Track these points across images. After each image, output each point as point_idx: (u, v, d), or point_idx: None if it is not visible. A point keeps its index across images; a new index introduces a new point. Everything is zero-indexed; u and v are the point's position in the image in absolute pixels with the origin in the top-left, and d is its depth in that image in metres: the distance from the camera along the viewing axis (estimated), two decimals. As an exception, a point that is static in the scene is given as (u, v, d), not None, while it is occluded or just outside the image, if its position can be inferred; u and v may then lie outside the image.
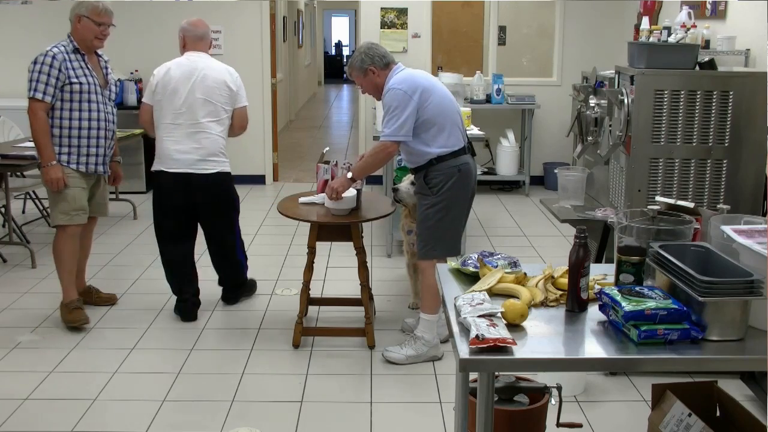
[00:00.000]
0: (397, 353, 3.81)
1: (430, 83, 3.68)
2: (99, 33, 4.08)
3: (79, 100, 4.03)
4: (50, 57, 3.94)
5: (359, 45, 3.86)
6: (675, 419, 2.60)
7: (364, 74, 3.72)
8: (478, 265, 2.40)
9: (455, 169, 3.65)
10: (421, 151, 3.64)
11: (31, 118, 3.97)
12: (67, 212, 4.12)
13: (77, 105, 4.04)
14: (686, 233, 2.27)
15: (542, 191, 7.71)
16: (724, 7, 5.10)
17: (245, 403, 3.44)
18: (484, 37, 8.51)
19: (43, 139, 4.00)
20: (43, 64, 3.93)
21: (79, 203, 4.14)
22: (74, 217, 4.14)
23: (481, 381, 2.02)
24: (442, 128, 3.64)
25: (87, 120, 4.07)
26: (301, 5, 15.64)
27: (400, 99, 3.57)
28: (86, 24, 4.04)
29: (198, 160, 4.11)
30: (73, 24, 4.07)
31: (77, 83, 4.01)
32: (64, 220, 4.13)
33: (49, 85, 3.94)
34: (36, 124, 3.97)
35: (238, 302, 4.61)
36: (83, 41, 4.07)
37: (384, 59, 3.71)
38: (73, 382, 3.63)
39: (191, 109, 4.08)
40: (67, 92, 4.00)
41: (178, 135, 4.09)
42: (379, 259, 5.45)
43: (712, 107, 3.63)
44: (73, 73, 4.01)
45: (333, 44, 24.84)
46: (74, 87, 4.00)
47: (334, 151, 8.47)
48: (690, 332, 1.92)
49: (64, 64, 3.97)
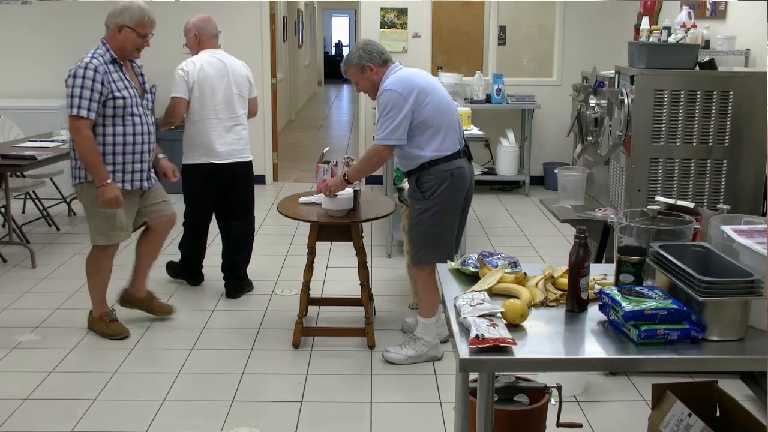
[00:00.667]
0: (397, 354, 3.81)
1: (427, 83, 3.62)
2: (140, 44, 3.84)
3: (122, 114, 3.78)
4: (92, 70, 3.66)
5: (356, 42, 3.84)
6: (675, 419, 2.60)
7: (361, 71, 3.68)
8: (478, 265, 2.40)
9: (448, 173, 3.58)
10: (414, 155, 3.59)
11: (77, 137, 3.72)
12: (106, 232, 3.92)
13: (120, 120, 3.79)
14: (686, 233, 2.28)
15: (542, 191, 7.71)
16: (724, 7, 5.10)
17: (245, 403, 3.44)
18: (484, 37, 8.51)
19: (92, 157, 3.74)
20: (85, 78, 3.65)
21: (119, 223, 3.92)
22: (113, 237, 3.94)
23: (481, 381, 2.02)
24: (438, 131, 3.57)
25: (131, 135, 3.84)
26: (301, 5, 15.65)
27: (395, 101, 3.52)
28: (128, 35, 3.78)
29: (241, 150, 4.55)
30: (112, 31, 3.79)
31: (120, 98, 3.75)
32: (102, 241, 3.94)
33: (93, 100, 3.67)
34: (83, 142, 3.71)
35: (241, 296, 4.69)
36: (122, 51, 3.82)
37: (382, 56, 3.68)
38: (73, 382, 3.63)
39: (230, 104, 4.44)
40: (109, 107, 3.74)
41: (221, 129, 4.42)
42: (379, 259, 5.45)
43: (712, 107, 3.63)
44: (115, 86, 3.75)
45: (333, 44, 24.85)
46: (117, 102, 3.75)
47: (334, 151, 8.45)
48: (690, 332, 1.92)
49: (106, 77, 3.71)
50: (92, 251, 4.05)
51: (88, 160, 3.76)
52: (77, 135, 3.72)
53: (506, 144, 7.60)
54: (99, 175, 3.76)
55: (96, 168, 3.75)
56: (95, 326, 4.12)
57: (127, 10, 3.79)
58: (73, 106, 3.67)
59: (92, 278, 4.09)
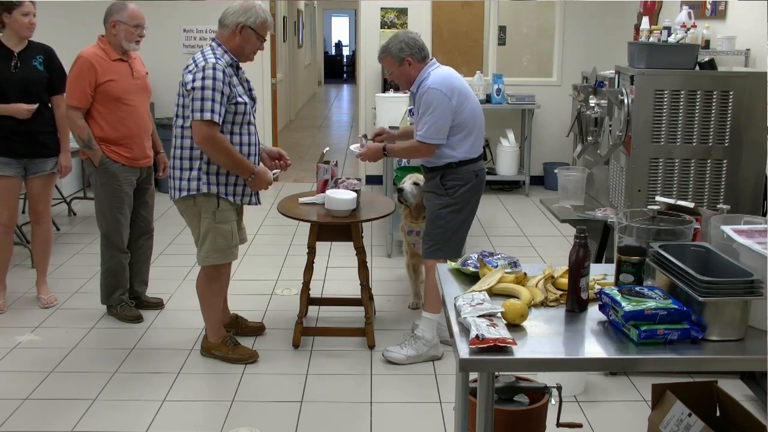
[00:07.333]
0: (397, 353, 3.81)
1: (463, 86, 3.69)
2: (257, 48, 3.59)
3: (240, 122, 3.50)
4: (220, 71, 3.37)
5: (396, 33, 3.81)
6: (675, 419, 2.60)
7: (399, 63, 3.68)
8: (478, 265, 2.40)
9: (473, 174, 3.70)
10: (445, 154, 3.66)
11: (209, 144, 3.39)
12: (222, 250, 3.62)
13: (238, 128, 3.50)
14: (686, 233, 2.27)
15: (542, 191, 7.72)
16: (724, 7, 5.10)
17: (245, 403, 3.44)
18: (484, 37, 8.52)
19: (234, 156, 3.45)
20: (215, 80, 3.34)
21: (235, 239, 3.68)
22: (229, 255, 3.67)
23: (481, 381, 2.02)
24: (470, 133, 3.67)
25: (247, 145, 3.55)
26: (301, 5, 15.65)
27: (440, 101, 3.56)
28: (249, 36, 3.51)
29: None
30: (231, 32, 3.49)
31: (242, 103, 3.48)
32: (218, 259, 3.63)
33: (222, 104, 3.38)
34: (219, 146, 3.40)
35: None
36: (240, 54, 3.54)
37: (422, 52, 3.70)
38: (73, 382, 3.63)
39: None
40: (230, 113, 3.45)
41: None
42: (379, 259, 5.45)
43: (712, 107, 3.63)
44: (236, 90, 3.47)
45: (333, 44, 24.85)
46: (239, 108, 3.46)
47: (334, 151, 8.47)
48: (690, 332, 1.92)
49: (231, 80, 3.45)
50: (203, 273, 3.74)
51: (231, 162, 3.47)
52: (209, 142, 3.39)
53: (506, 144, 7.60)
54: (247, 169, 3.51)
55: (242, 163, 3.48)
56: (219, 352, 3.83)
57: (251, 10, 3.51)
58: (204, 110, 3.33)
59: (206, 301, 3.79)
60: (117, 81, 4.05)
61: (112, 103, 4.04)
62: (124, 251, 4.27)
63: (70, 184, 7.03)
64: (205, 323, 3.87)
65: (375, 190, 7.09)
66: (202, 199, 3.54)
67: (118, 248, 4.24)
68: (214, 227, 3.58)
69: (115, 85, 4.03)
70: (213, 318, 3.83)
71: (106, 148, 4.07)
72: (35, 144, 4.25)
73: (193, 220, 3.63)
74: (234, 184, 3.57)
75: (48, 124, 4.30)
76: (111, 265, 4.27)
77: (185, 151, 3.51)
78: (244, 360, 3.81)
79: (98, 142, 4.06)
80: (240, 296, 4.56)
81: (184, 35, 7.55)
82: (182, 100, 3.49)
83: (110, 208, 4.16)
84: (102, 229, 4.23)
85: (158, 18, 7.45)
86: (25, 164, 4.27)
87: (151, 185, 4.38)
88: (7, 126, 4.14)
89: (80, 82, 3.98)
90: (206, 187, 3.51)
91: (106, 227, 4.22)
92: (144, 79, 4.25)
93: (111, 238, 4.22)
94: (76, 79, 3.99)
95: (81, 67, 3.99)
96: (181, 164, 3.52)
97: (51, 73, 4.30)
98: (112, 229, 4.21)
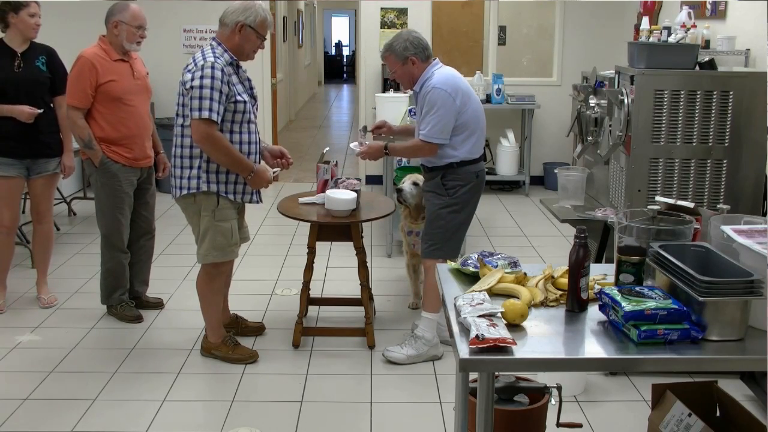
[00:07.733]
0: (397, 353, 3.81)
1: (467, 88, 3.71)
2: (257, 46, 3.60)
3: (240, 121, 3.51)
4: (219, 71, 3.38)
5: (400, 31, 3.80)
6: (675, 419, 2.60)
7: (403, 62, 3.68)
8: (478, 265, 2.40)
9: (474, 174, 3.71)
10: (447, 154, 3.66)
11: (208, 143, 3.40)
12: (222, 248, 3.62)
13: (238, 127, 3.52)
14: (686, 233, 2.27)
15: (542, 191, 7.72)
16: (724, 7, 5.10)
17: (245, 403, 3.44)
18: (484, 37, 8.52)
19: (233, 155, 3.46)
20: (213, 79, 3.36)
21: (235, 237, 3.67)
22: (229, 253, 3.68)
23: (481, 381, 2.02)
24: (472, 134, 3.68)
25: (247, 144, 3.57)
26: (301, 5, 15.65)
27: (444, 100, 3.57)
28: (248, 35, 3.52)
29: None
30: (231, 30, 3.50)
31: (242, 102, 3.49)
32: (218, 257, 3.64)
33: (221, 103, 3.39)
34: (218, 145, 3.42)
35: None
36: (240, 53, 3.55)
37: (426, 51, 3.70)
38: (73, 382, 3.63)
39: None
40: (229, 112, 3.47)
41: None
42: (379, 259, 5.45)
43: (712, 107, 3.63)
44: (235, 89, 3.48)
45: (333, 44, 24.85)
46: (238, 106, 3.48)
47: (334, 151, 8.48)
48: (690, 332, 1.92)
49: (230, 78, 3.45)
50: (203, 272, 3.74)
51: (230, 160, 3.48)
52: (208, 141, 3.40)
53: (506, 144, 7.60)
54: (246, 167, 3.52)
55: (241, 162, 3.49)
56: (219, 352, 3.83)
57: (251, 9, 3.52)
58: (202, 109, 3.35)
59: (206, 300, 3.79)
60: (118, 81, 4.05)
61: (112, 104, 4.04)
62: (124, 251, 4.27)
63: (70, 184, 7.03)
64: (205, 323, 3.87)
65: (375, 190, 7.09)
66: (202, 197, 3.55)
67: (118, 248, 4.24)
68: (214, 225, 3.59)
69: (115, 86, 4.03)
70: (213, 318, 3.83)
71: (106, 149, 4.07)
72: (38, 144, 4.25)
73: (194, 219, 3.64)
74: (234, 182, 3.58)
75: (51, 125, 4.31)
76: (111, 265, 4.27)
77: (185, 149, 3.52)
78: (244, 360, 3.81)
79: (99, 142, 4.05)
80: (240, 296, 4.55)
81: (184, 35, 7.55)
82: (182, 99, 3.50)
83: (110, 208, 4.16)
84: (102, 230, 4.24)
85: (158, 18, 7.48)
86: (27, 164, 4.27)
87: (151, 185, 4.38)
88: (10, 126, 4.14)
89: (81, 82, 3.98)
90: (206, 186, 3.53)
91: (106, 227, 4.22)
92: (145, 80, 4.25)
93: (111, 239, 4.22)
94: (77, 79, 3.99)
95: (82, 67, 3.99)
96: (182, 163, 3.54)
97: (53, 73, 4.30)
98: (113, 229, 4.21)
